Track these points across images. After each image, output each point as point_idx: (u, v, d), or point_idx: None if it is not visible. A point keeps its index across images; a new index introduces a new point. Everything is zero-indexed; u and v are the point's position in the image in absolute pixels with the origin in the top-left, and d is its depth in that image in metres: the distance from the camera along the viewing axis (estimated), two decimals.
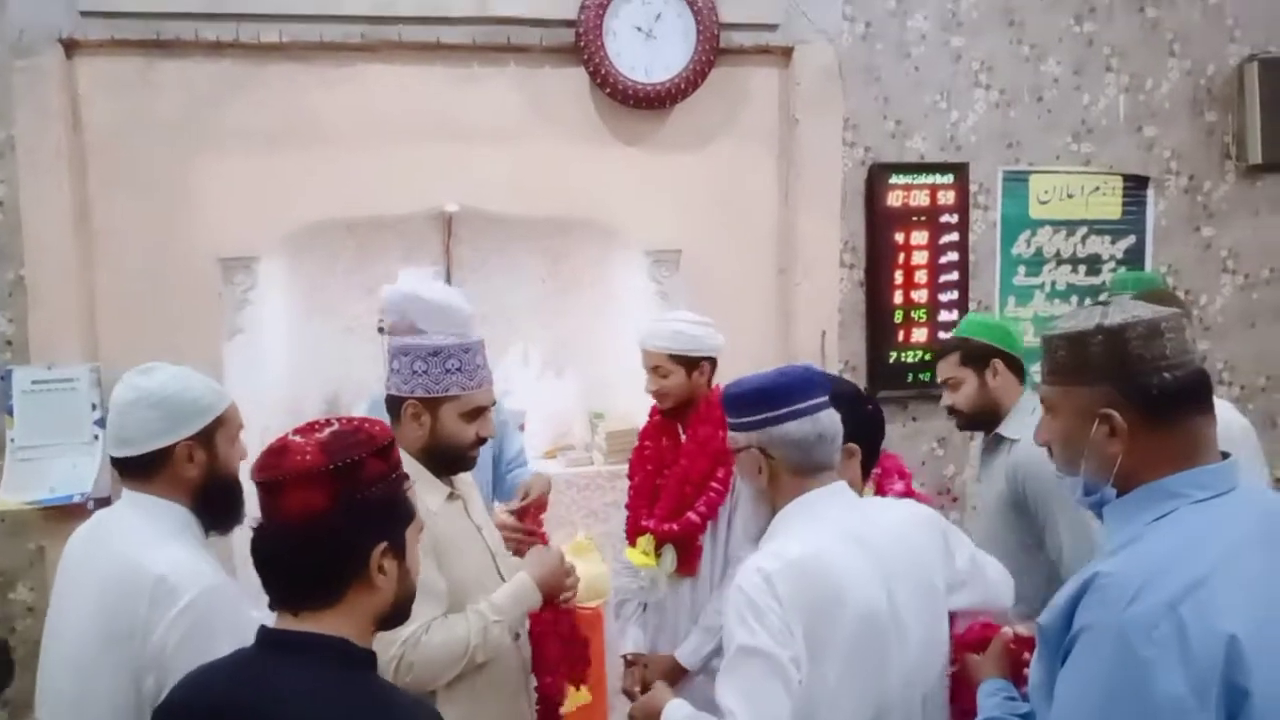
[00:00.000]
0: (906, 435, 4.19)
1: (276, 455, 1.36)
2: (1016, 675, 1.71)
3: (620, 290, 4.42)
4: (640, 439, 3.12)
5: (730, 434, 1.85)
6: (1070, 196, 4.25)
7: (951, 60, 4.09)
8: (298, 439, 1.37)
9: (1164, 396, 1.39)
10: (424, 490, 2.03)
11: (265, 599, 1.38)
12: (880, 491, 2.56)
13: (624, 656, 2.98)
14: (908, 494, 2.59)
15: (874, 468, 2.24)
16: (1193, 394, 1.40)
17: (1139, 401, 1.39)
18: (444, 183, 3.77)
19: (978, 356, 2.85)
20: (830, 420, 1.79)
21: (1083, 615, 1.33)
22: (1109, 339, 1.41)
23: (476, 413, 2.17)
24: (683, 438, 2.94)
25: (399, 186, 3.72)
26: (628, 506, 3.06)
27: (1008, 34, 4.12)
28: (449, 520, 2.14)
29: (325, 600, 1.34)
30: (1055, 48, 4.17)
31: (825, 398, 1.80)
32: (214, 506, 1.87)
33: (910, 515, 1.89)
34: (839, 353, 4.02)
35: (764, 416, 1.77)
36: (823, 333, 3.95)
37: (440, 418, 2.13)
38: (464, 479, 2.29)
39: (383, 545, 1.36)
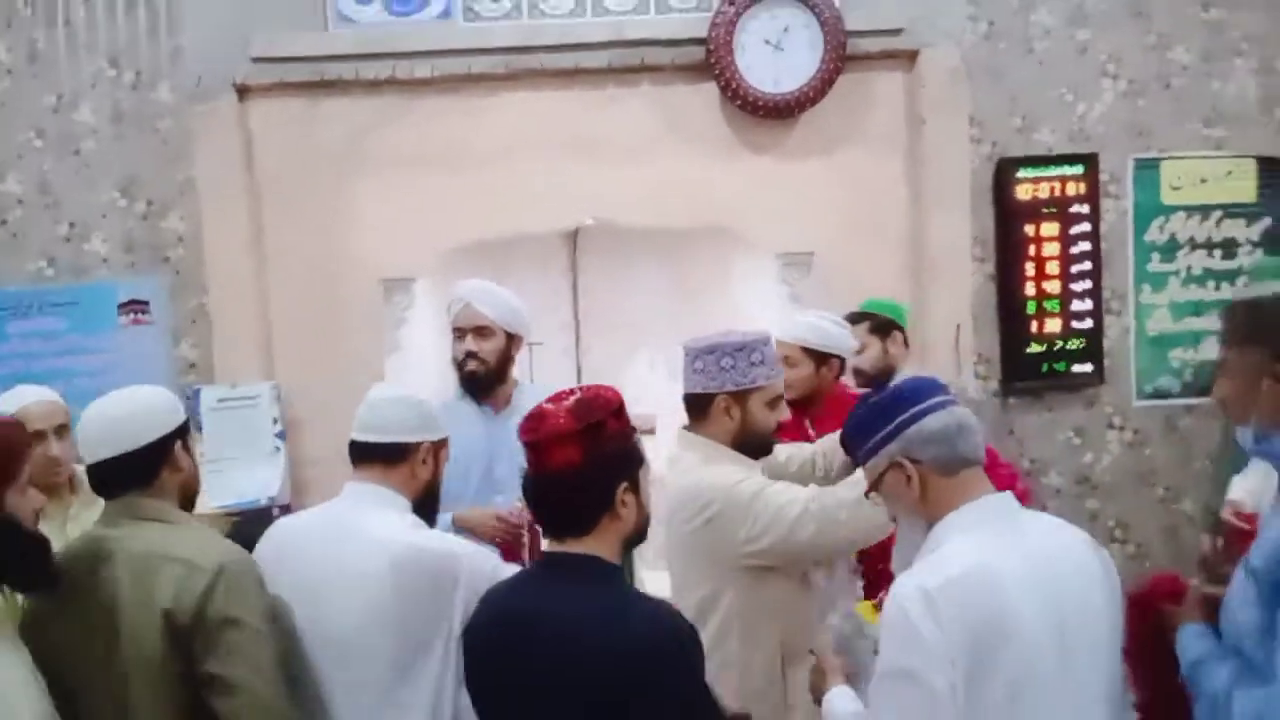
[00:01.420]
0: (1042, 425, 4.21)
1: (537, 420, 1.68)
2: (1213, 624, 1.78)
3: (751, 297, 4.54)
4: None
5: (868, 466, 1.75)
6: (1203, 182, 4.21)
7: (1077, 53, 4.10)
8: (550, 406, 1.68)
9: None
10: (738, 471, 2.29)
11: None
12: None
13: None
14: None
15: None
16: None
17: None
18: (582, 200, 3.96)
19: (883, 327, 3.41)
20: (965, 412, 1.73)
21: None
22: None
23: (777, 400, 2.34)
24: (811, 433, 3.05)
25: (540, 206, 3.93)
26: None
27: (1134, 24, 4.12)
28: None
29: (583, 529, 1.69)
30: (1183, 35, 4.15)
31: (952, 394, 1.75)
32: (424, 510, 2.14)
33: (1085, 545, 1.74)
34: (973, 346, 4.07)
35: (901, 420, 1.69)
36: (957, 327, 4.01)
37: (749, 408, 2.29)
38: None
39: (624, 484, 1.69)
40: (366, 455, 2.08)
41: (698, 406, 2.33)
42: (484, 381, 3.00)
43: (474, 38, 3.75)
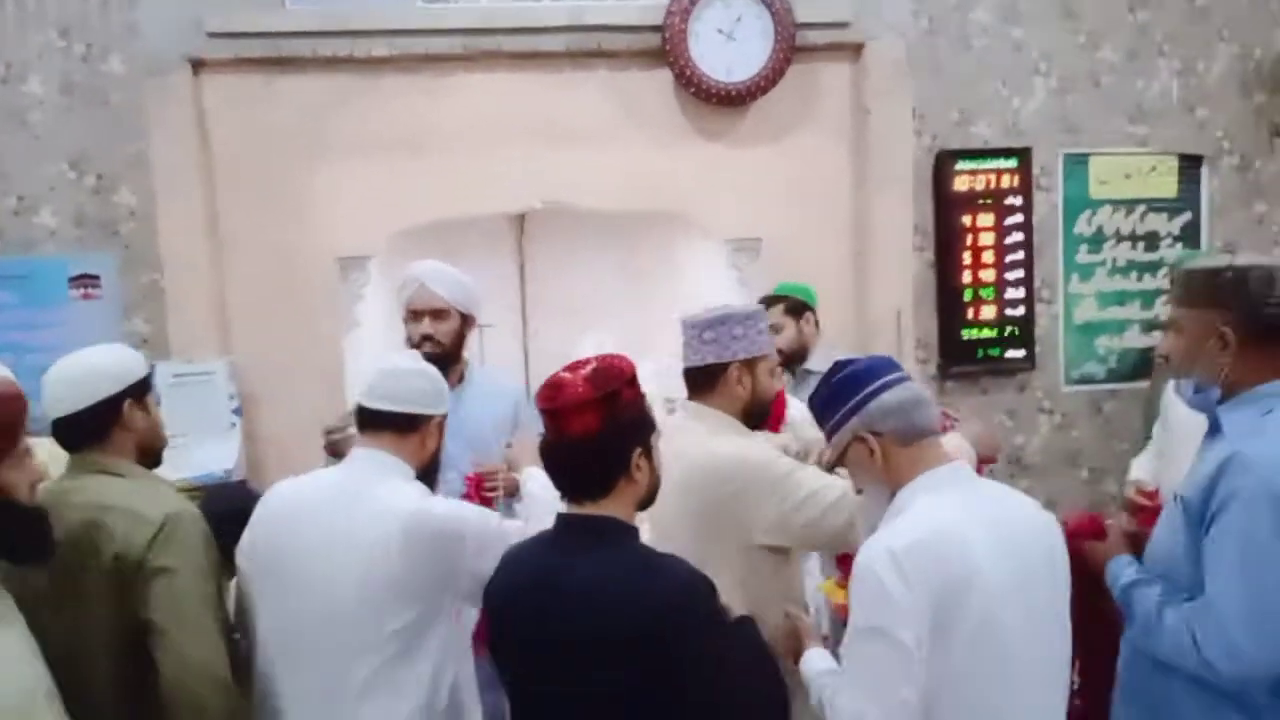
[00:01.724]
0: (977, 408, 4.38)
1: (555, 389, 1.75)
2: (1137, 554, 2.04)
3: (701, 279, 4.65)
4: None
5: (833, 440, 1.86)
6: (1128, 177, 4.45)
7: (1012, 50, 4.30)
8: (568, 375, 1.76)
9: (1269, 323, 1.82)
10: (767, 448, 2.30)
11: None
12: None
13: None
14: None
15: None
16: None
17: (1249, 325, 1.82)
18: (537, 183, 4.01)
19: (797, 308, 3.65)
20: (919, 387, 1.85)
21: (1228, 486, 1.73)
22: (1235, 274, 1.84)
23: (775, 369, 2.38)
24: None
25: (495, 188, 3.98)
26: None
27: (1064, 24, 4.33)
28: None
29: (601, 492, 1.77)
30: (1110, 35, 4.37)
31: (905, 372, 1.87)
32: (426, 479, 2.19)
33: (1036, 509, 1.84)
34: (913, 331, 4.23)
35: (861, 396, 1.80)
36: (898, 312, 4.17)
37: (758, 376, 2.30)
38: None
39: (638, 449, 1.78)
40: (379, 423, 2.10)
41: (707, 378, 2.30)
42: (439, 363, 3.01)
43: (433, 18, 3.78)
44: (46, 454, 2.52)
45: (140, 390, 2.09)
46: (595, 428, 1.72)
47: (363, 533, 1.97)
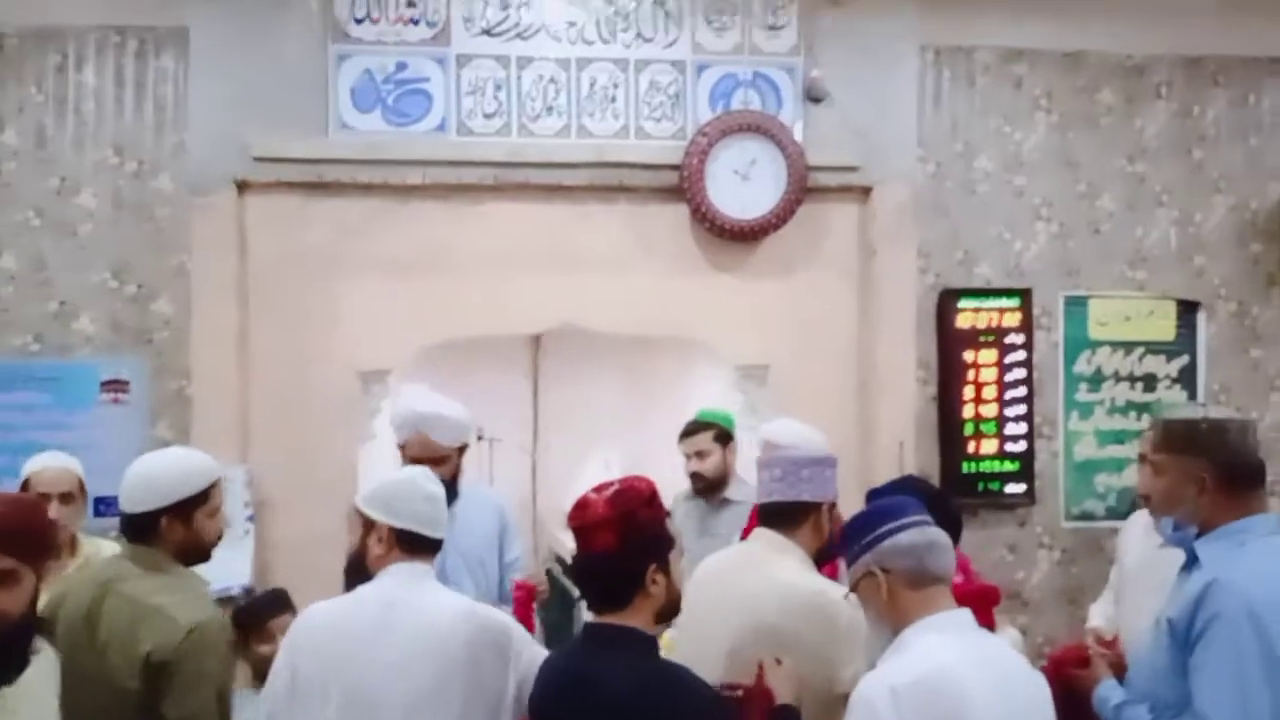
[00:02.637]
0: (979, 542, 4.44)
1: (581, 509, 1.94)
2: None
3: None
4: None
5: (851, 570, 1.94)
6: (1127, 319, 4.59)
7: (1014, 196, 4.49)
8: (593, 495, 1.95)
9: (1243, 471, 2.04)
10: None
11: None
12: None
13: None
14: (967, 585, 2.87)
15: None
16: (1259, 473, 2.06)
17: (1225, 471, 2.02)
18: (556, 306, 4.20)
19: (725, 436, 3.75)
20: (939, 533, 1.90)
21: (1210, 608, 1.91)
22: (1214, 427, 2.05)
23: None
24: None
25: (515, 310, 4.17)
26: None
27: (1065, 173, 4.53)
28: None
29: (620, 604, 1.93)
30: (1109, 185, 4.57)
31: (928, 516, 1.93)
32: None
33: (1027, 664, 1.92)
34: (914, 463, 4.33)
35: (877, 533, 1.88)
36: (900, 444, 4.27)
37: (835, 520, 2.36)
38: None
39: (654, 566, 1.93)
40: (425, 547, 2.24)
41: (795, 514, 2.35)
42: None
43: (465, 151, 4.02)
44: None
45: (183, 507, 2.25)
46: (612, 545, 1.89)
47: (426, 631, 2.09)
